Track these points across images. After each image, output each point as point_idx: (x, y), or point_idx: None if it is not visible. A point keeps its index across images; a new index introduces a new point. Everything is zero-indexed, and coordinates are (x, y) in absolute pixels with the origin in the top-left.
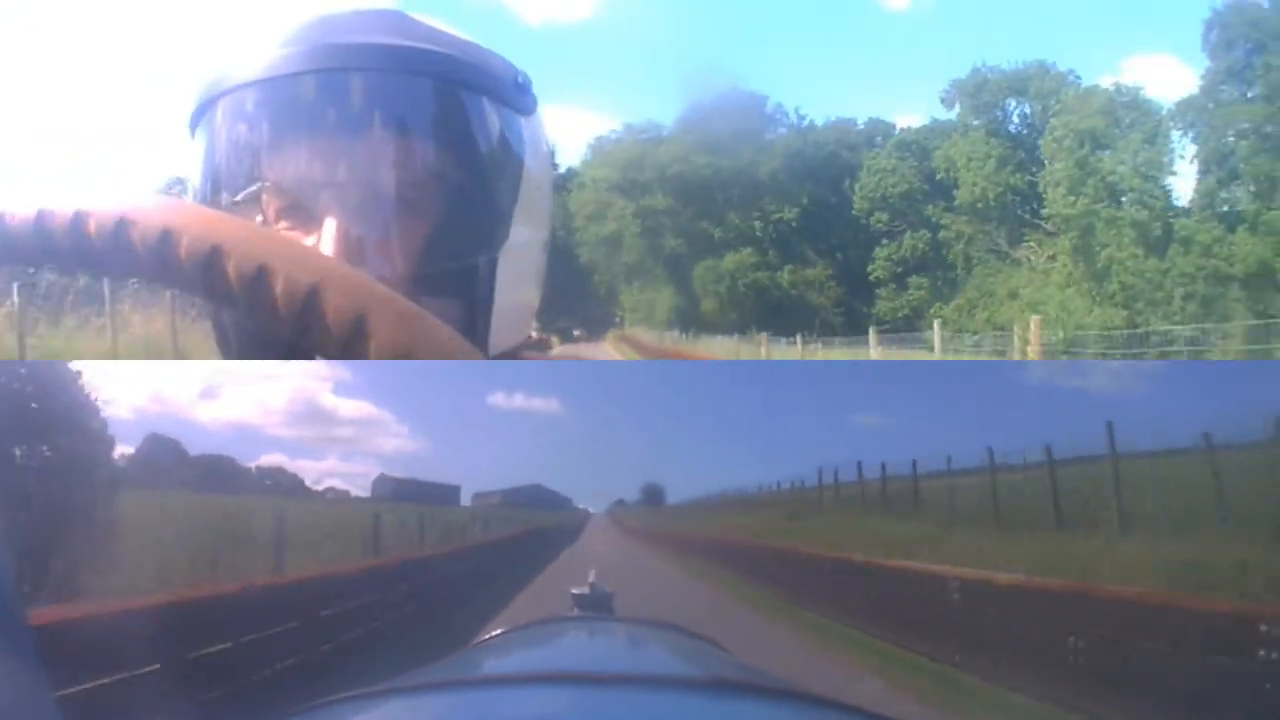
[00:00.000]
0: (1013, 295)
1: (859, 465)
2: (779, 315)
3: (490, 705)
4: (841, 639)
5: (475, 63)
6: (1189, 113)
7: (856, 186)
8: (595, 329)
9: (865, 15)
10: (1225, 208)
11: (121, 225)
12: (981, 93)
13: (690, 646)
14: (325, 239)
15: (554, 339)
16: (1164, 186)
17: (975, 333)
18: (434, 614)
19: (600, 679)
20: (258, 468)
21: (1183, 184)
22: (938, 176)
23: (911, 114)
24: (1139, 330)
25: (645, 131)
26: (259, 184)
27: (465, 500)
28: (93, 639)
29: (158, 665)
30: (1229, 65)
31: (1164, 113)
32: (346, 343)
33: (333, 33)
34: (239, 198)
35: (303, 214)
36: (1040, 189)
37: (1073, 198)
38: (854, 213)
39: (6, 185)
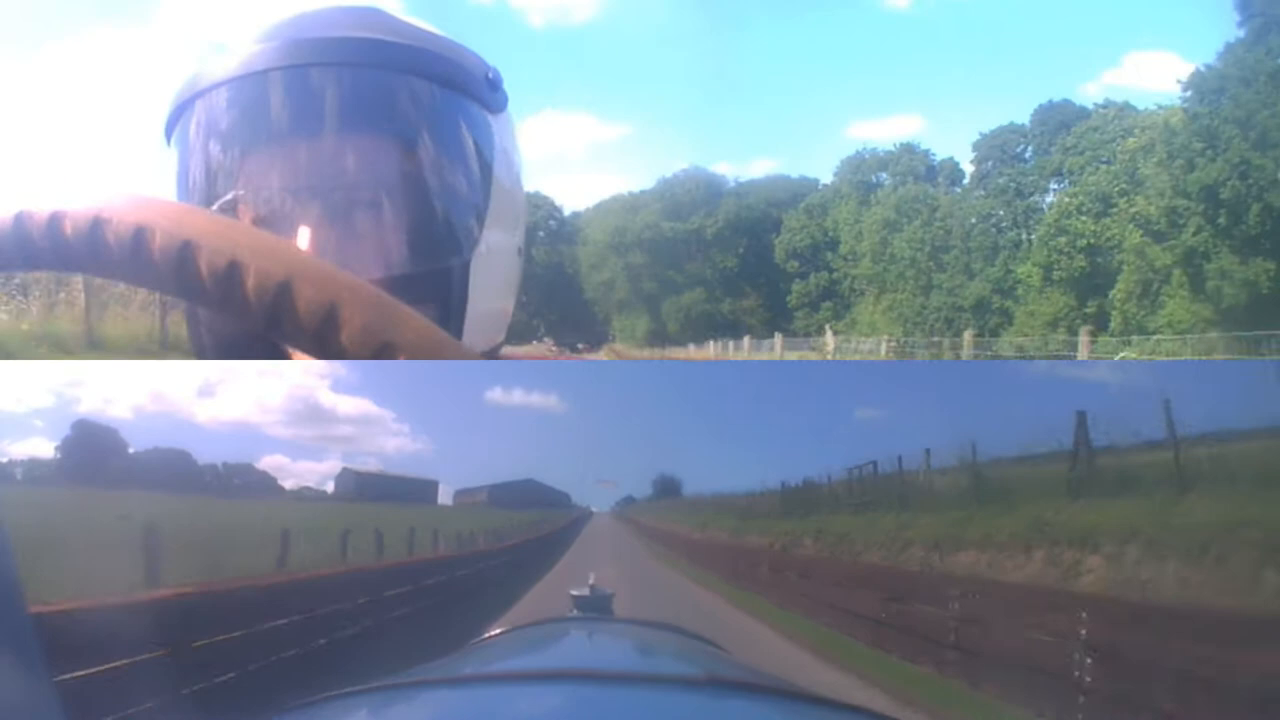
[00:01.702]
0: (866, 318)
1: (901, 458)
2: (722, 333)
3: (488, 703)
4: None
5: (446, 57)
6: (954, 204)
7: (776, 241)
8: (594, 342)
9: (864, 17)
10: (965, 266)
11: (96, 224)
12: (858, 171)
13: (690, 647)
14: (299, 236)
15: (565, 350)
16: (930, 253)
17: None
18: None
19: (599, 677)
20: (238, 466)
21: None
22: (829, 234)
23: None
24: (906, 342)
25: (628, 202)
26: (234, 193)
27: (445, 498)
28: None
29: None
30: (980, 173)
31: (940, 204)
32: (319, 334)
33: (304, 28)
34: (215, 206)
35: (277, 213)
36: (859, 255)
37: (872, 265)
38: (775, 261)
39: None
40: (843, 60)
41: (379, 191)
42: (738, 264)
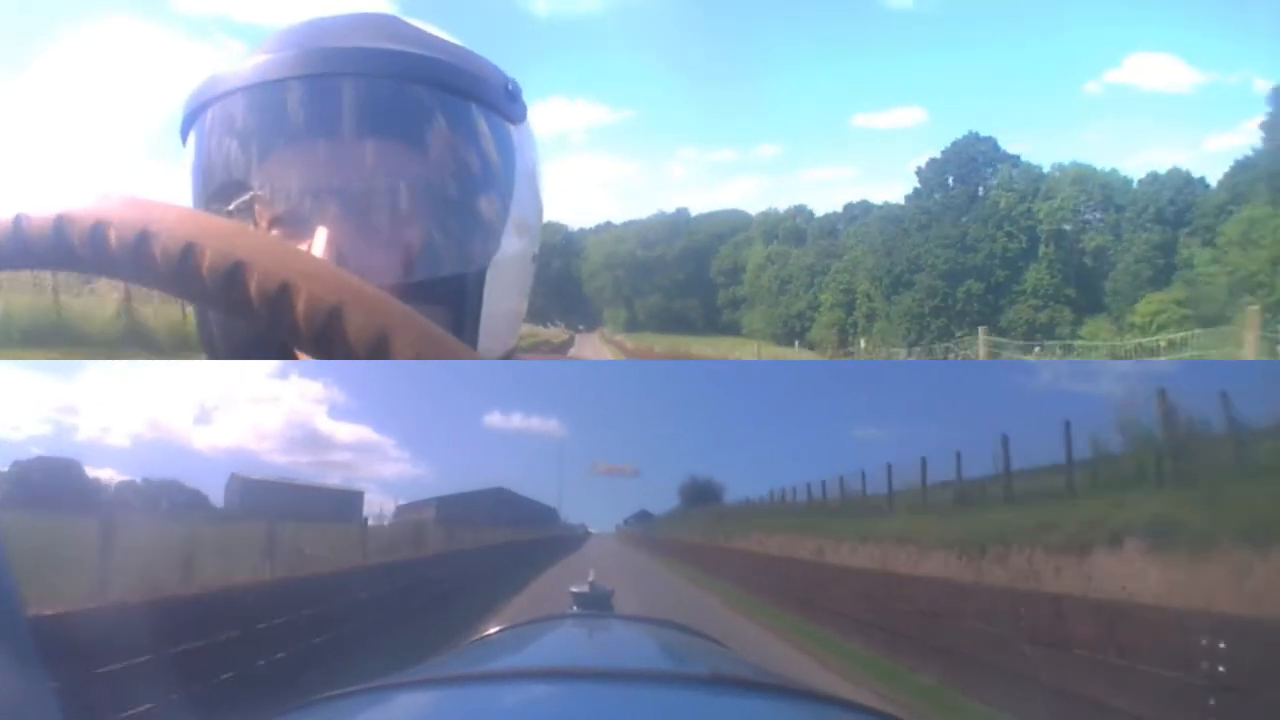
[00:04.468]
0: (749, 319)
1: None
2: (674, 324)
3: (488, 701)
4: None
5: (466, 68)
6: (797, 257)
7: (712, 262)
8: (590, 326)
9: (868, 11)
10: (795, 293)
11: (99, 227)
12: (764, 223)
13: (693, 644)
14: (316, 245)
15: (571, 330)
16: (779, 285)
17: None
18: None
19: (601, 674)
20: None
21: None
22: (744, 260)
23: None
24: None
25: (617, 232)
26: (251, 193)
27: (377, 515)
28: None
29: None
30: (815, 238)
31: (791, 256)
32: (321, 336)
33: (322, 37)
34: (231, 206)
35: (294, 220)
36: (745, 279)
37: (750, 288)
38: (710, 276)
39: None
40: (847, 53)
41: (398, 197)
42: (685, 277)
